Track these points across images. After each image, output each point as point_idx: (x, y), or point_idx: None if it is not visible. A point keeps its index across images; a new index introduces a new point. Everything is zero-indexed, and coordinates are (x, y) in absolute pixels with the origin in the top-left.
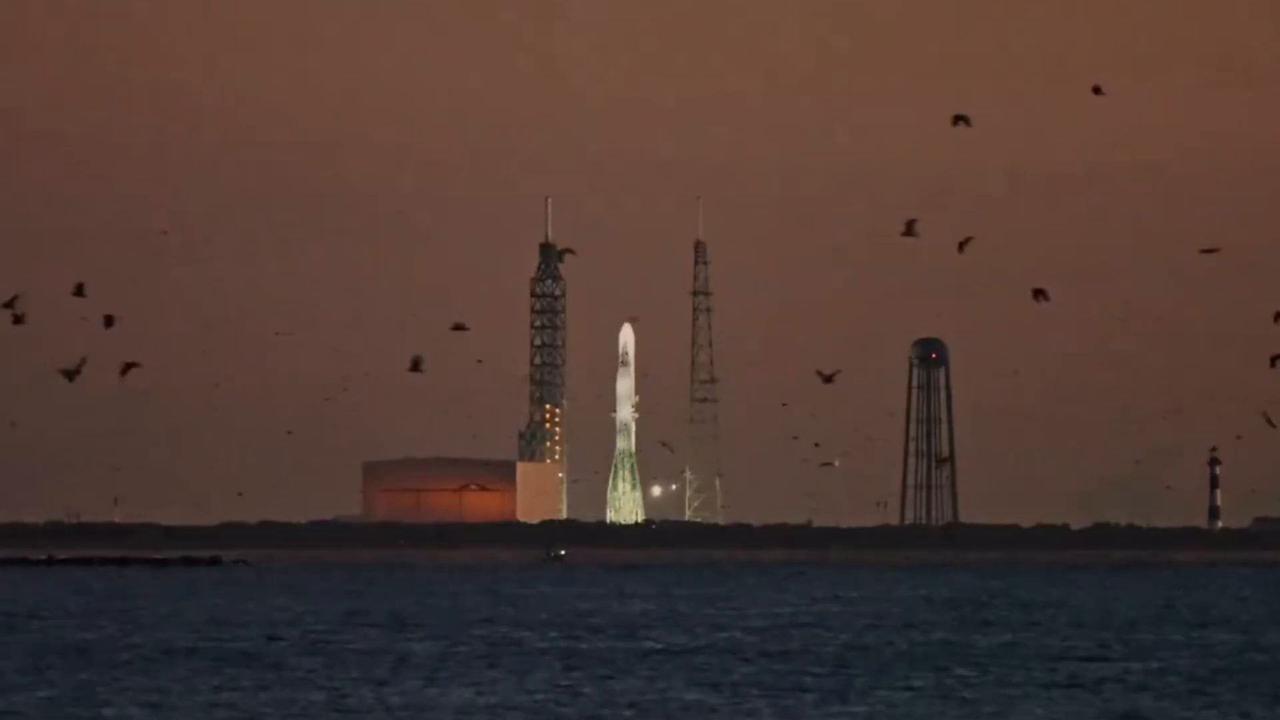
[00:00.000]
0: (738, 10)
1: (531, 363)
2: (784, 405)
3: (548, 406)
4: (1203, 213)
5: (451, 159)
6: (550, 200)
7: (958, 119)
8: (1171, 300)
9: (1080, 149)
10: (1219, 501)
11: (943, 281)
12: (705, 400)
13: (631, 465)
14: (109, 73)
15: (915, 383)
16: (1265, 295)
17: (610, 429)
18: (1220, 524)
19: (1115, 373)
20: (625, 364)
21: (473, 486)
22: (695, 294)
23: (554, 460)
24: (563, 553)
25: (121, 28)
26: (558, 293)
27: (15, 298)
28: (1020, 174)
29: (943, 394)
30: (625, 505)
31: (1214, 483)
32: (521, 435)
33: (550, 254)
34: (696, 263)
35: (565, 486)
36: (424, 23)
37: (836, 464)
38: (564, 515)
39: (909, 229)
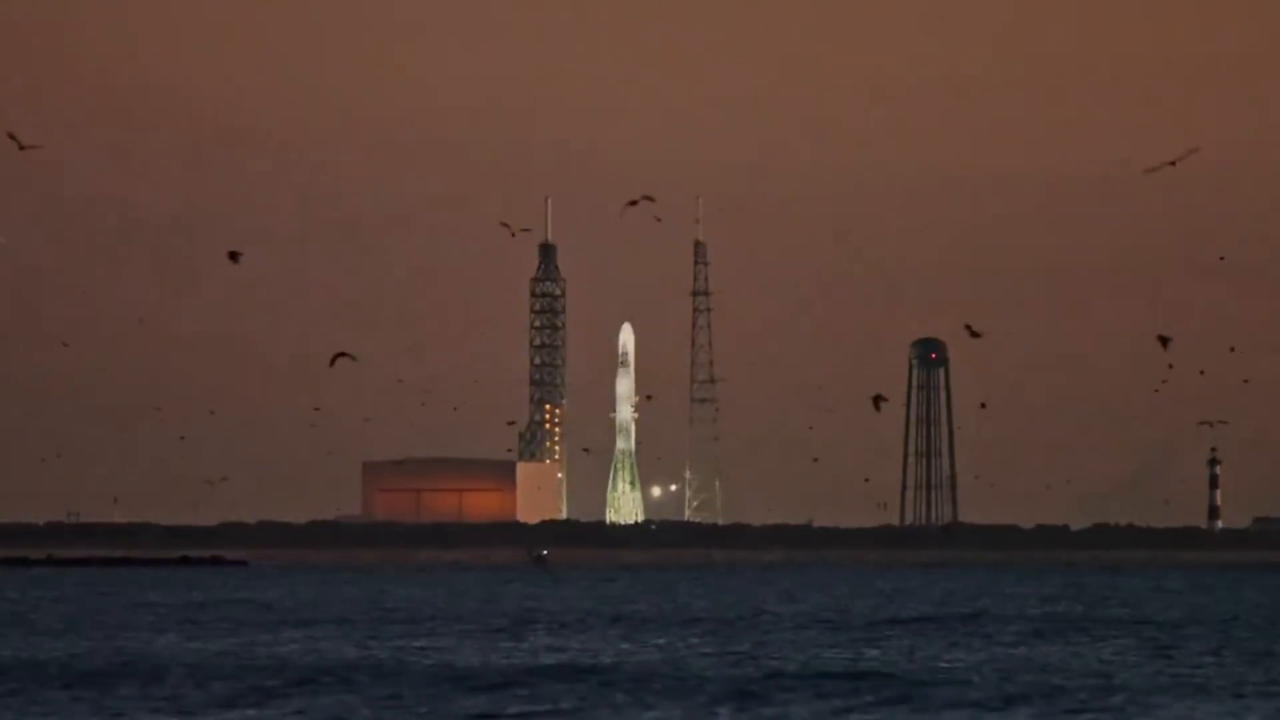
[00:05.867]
0: (738, 12)
1: (531, 363)
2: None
3: (547, 406)
4: (1206, 216)
5: (452, 159)
6: (550, 200)
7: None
8: (1173, 301)
9: (1083, 152)
10: (1219, 501)
11: (943, 281)
12: (705, 400)
13: (631, 465)
14: (94, 73)
15: (915, 383)
16: (1266, 297)
17: (610, 429)
18: (1220, 524)
19: (1115, 372)
20: (625, 364)
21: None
22: (695, 294)
23: (554, 460)
24: (545, 553)
25: (111, 28)
26: (558, 293)
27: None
28: (1022, 175)
29: (943, 394)
30: (625, 505)
31: (1214, 483)
32: (521, 435)
33: (550, 254)
34: (696, 263)
35: (565, 486)
36: (425, 23)
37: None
38: (564, 515)
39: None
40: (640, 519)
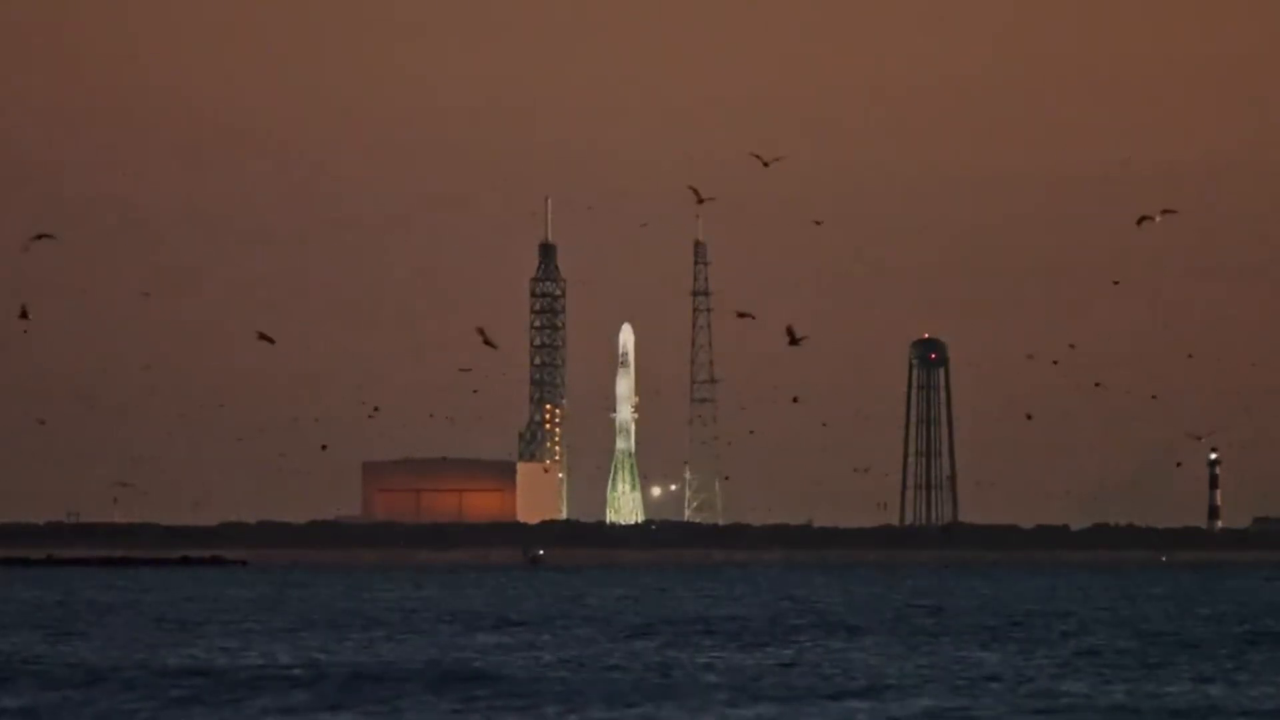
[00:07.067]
0: (738, 12)
1: (531, 363)
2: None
3: (547, 406)
4: (1206, 216)
5: (452, 159)
6: (550, 200)
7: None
8: (1173, 301)
9: (1083, 151)
10: (1219, 501)
11: (943, 281)
12: (705, 400)
13: (631, 466)
14: (94, 73)
15: (915, 383)
16: (1266, 297)
17: (610, 429)
18: (1220, 524)
19: (1116, 373)
20: (625, 364)
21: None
22: (695, 294)
23: (554, 460)
24: (541, 553)
25: (111, 28)
26: (558, 293)
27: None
28: (1022, 175)
29: (943, 394)
30: (625, 506)
31: (1214, 483)
32: (521, 435)
33: (550, 254)
34: (696, 263)
35: (565, 486)
36: (425, 23)
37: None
38: (564, 515)
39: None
40: (640, 519)
